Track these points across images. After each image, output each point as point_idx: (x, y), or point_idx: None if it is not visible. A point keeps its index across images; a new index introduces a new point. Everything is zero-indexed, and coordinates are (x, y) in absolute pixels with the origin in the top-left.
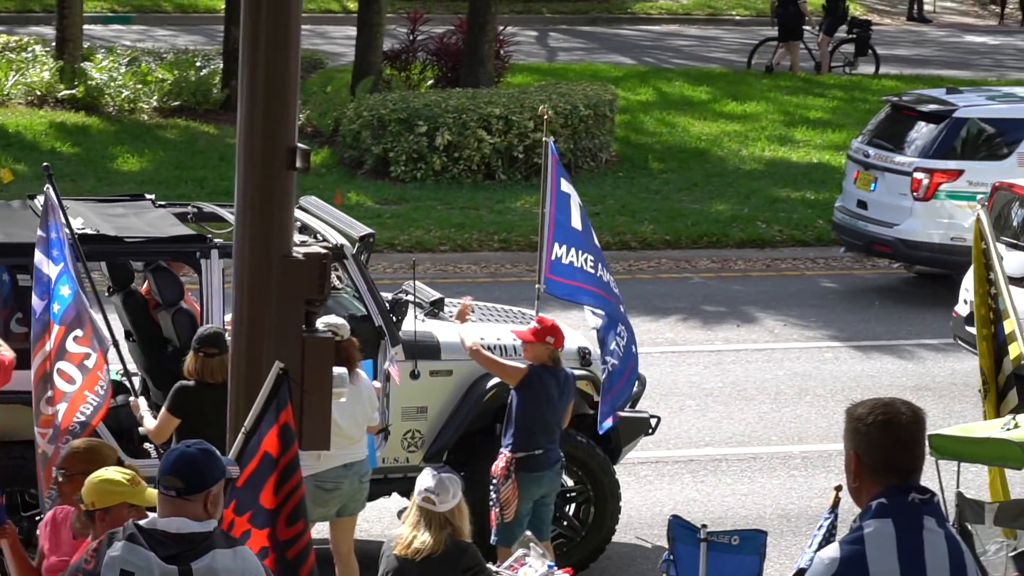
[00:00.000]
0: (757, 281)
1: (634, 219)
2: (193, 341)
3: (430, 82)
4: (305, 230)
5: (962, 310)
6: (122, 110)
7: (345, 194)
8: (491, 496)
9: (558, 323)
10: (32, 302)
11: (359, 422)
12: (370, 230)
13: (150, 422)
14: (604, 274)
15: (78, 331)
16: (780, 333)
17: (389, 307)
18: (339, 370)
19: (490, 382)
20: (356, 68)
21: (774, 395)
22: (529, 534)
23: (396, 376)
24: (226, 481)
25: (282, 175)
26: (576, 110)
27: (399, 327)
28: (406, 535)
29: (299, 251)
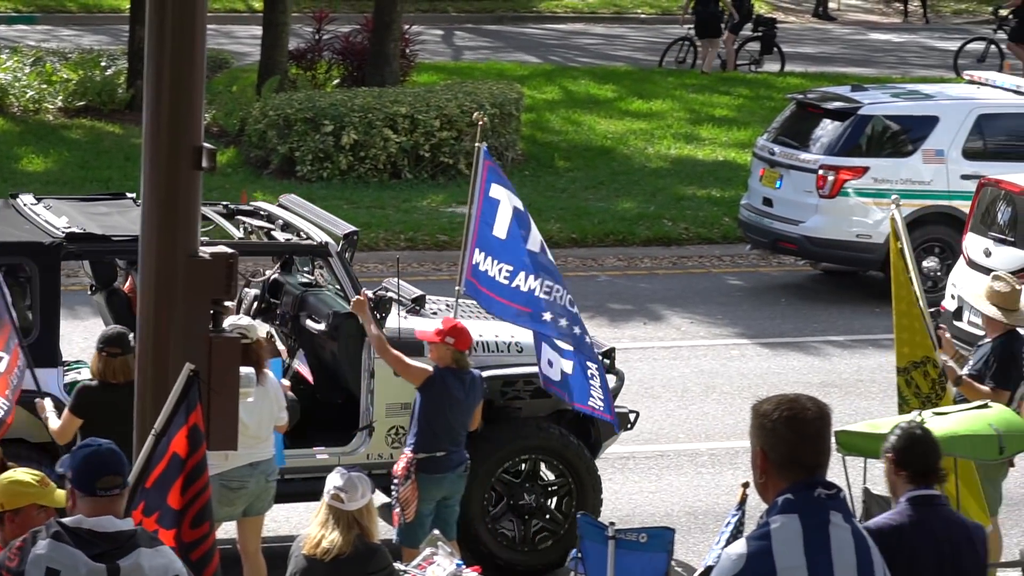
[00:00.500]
0: (664, 279)
1: (540, 217)
2: (96, 341)
3: (336, 81)
4: (288, 228)
5: (949, 305)
6: (27, 110)
7: (251, 194)
8: (392, 495)
9: (460, 324)
10: None
11: (266, 422)
12: (354, 228)
13: (54, 422)
14: (527, 283)
15: None
16: (687, 331)
17: (372, 304)
18: (246, 370)
19: None
20: (262, 67)
21: (681, 392)
22: (437, 533)
23: (309, 376)
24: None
25: (188, 175)
26: (482, 109)
27: (383, 324)
28: (314, 534)
29: (205, 251)
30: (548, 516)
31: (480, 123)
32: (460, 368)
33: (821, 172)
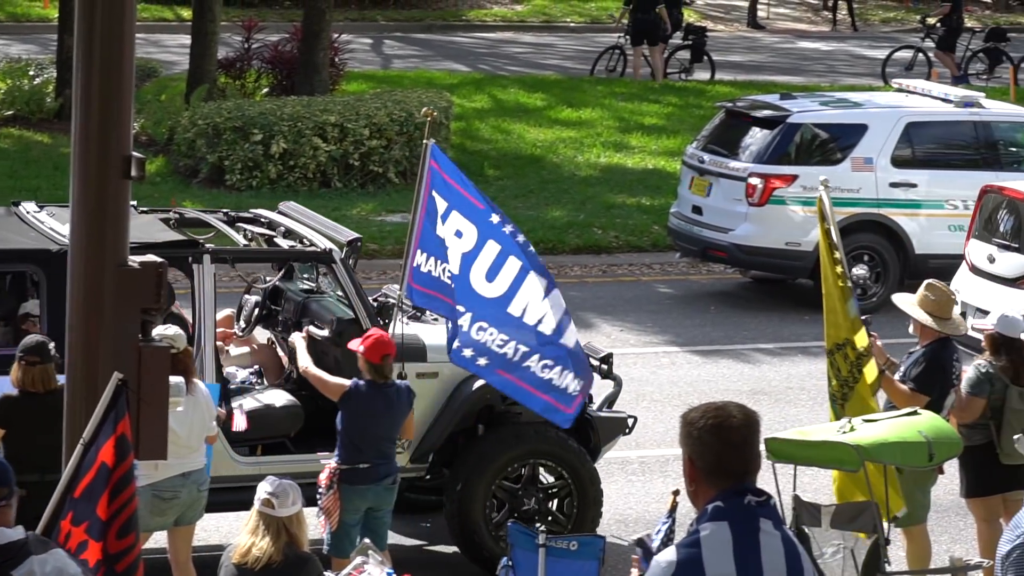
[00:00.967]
0: (593, 287)
1: None
2: (17, 349)
3: (265, 90)
4: (291, 235)
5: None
6: None
7: (180, 203)
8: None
9: (383, 336)
10: None
11: (197, 432)
12: (357, 235)
13: None
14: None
15: None
16: (617, 338)
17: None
18: (175, 379)
19: (475, 383)
20: (191, 76)
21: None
22: (368, 542)
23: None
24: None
25: (117, 184)
26: (411, 117)
27: (387, 330)
28: (244, 543)
29: (135, 260)
30: (551, 518)
31: (429, 118)
32: (381, 380)
33: (751, 180)
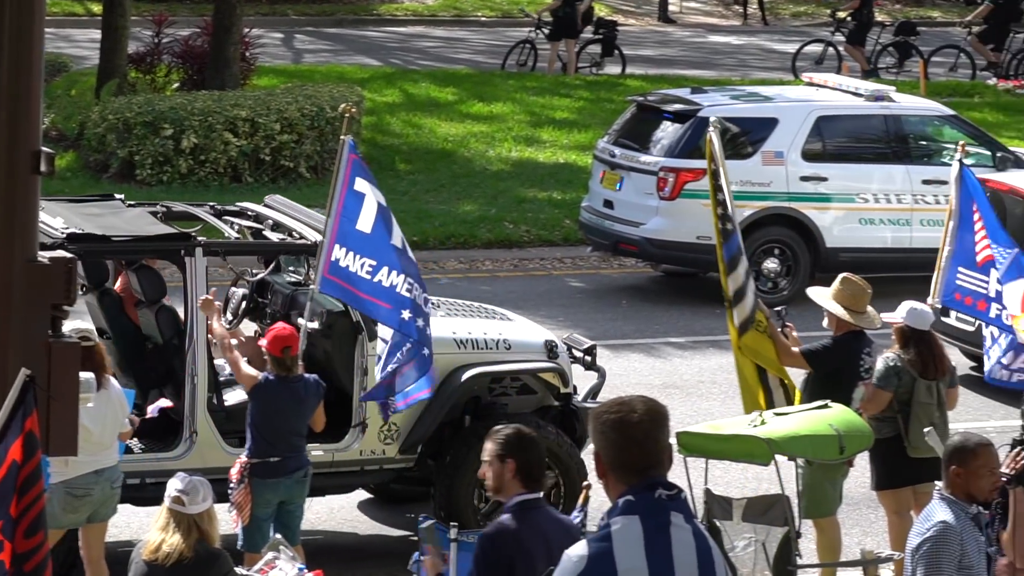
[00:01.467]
0: (505, 281)
1: None
2: None
3: (176, 85)
4: (279, 227)
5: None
6: None
7: None
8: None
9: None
10: None
11: (110, 429)
12: None
13: None
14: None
15: None
16: None
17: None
18: (85, 375)
19: (464, 375)
20: (101, 71)
21: None
22: (279, 537)
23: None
24: None
25: (26, 179)
26: (322, 112)
27: (376, 322)
28: (155, 539)
29: (44, 256)
30: None
31: (348, 114)
32: (287, 374)
33: (661, 174)
